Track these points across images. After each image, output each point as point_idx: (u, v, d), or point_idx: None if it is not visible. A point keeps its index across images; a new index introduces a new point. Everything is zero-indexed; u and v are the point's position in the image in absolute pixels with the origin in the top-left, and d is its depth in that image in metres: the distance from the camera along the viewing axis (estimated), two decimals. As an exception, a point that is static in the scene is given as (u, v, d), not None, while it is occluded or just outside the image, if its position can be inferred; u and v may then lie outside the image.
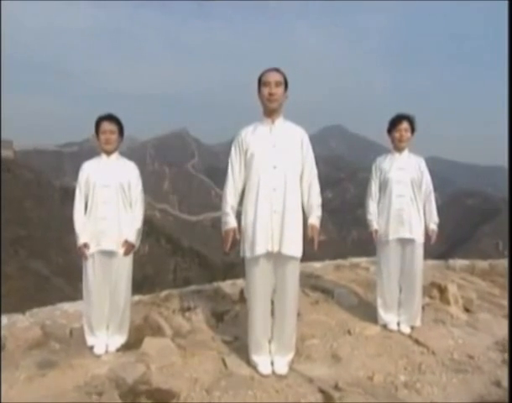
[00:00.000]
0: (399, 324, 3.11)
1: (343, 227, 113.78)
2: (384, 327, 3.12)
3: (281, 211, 2.33)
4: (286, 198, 2.33)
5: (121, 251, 2.70)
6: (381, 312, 3.15)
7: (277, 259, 2.36)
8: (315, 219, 2.40)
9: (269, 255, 2.35)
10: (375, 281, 3.25)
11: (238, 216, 2.43)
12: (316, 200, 2.43)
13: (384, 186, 3.10)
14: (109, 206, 2.67)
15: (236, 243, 2.40)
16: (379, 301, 3.16)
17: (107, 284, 2.71)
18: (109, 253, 2.70)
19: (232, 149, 2.46)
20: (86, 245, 2.67)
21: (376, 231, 3.12)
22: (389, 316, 3.13)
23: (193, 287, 4.13)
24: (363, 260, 5.17)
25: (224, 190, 2.45)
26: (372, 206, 3.16)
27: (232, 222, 2.37)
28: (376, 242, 3.15)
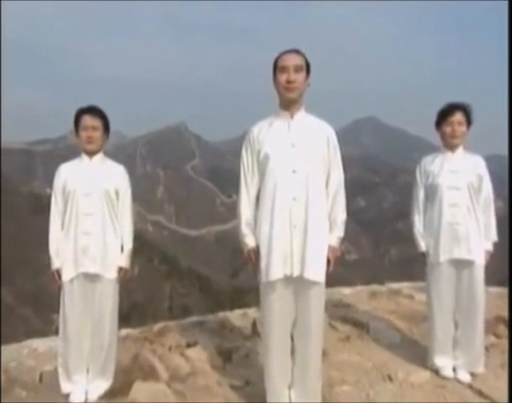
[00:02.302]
0: (455, 369, 3.03)
1: (380, 243, 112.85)
2: (436, 372, 3.04)
3: (303, 225, 2.33)
4: (309, 209, 2.33)
5: (108, 275, 2.72)
6: (432, 353, 3.07)
7: (298, 284, 2.36)
8: (335, 240, 2.42)
9: (289, 280, 2.35)
10: (422, 313, 3.18)
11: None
12: (340, 215, 2.43)
13: (432, 194, 3.04)
14: (92, 218, 2.69)
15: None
16: (430, 339, 3.09)
17: (89, 315, 2.72)
18: (92, 277, 2.71)
19: (243, 149, 2.48)
20: (58, 271, 2.70)
21: (425, 254, 3.07)
22: (442, 359, 3.04)
23: (194, 318, 4.14)
24: (405, 285, 5.11)
25: (238, 202, 2.49)
26: (419, 221, 3.11)
27: (251, 241, 2.43)
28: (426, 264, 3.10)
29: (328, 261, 2.38)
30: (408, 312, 4.14)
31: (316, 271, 2.32)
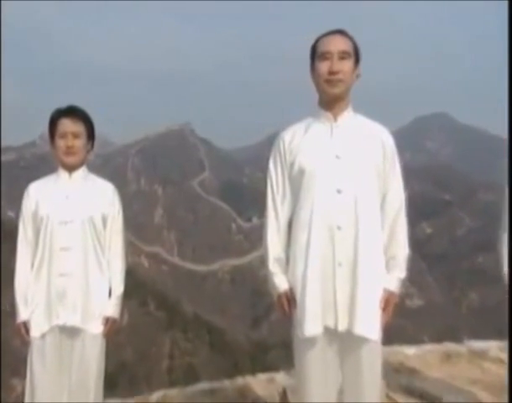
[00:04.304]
0: None
1: (454, 283, 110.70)
2: None
3: (350, 263, 2.33)
4: (358, 242, 2.34)
5: (92, 329, 2.75)
6: None
7: (345, 341, 2.37)
8: (394, 282, 2.43)
9: (332, 335, 2.36)
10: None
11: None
12: (400, 249, 2.46)
13: None
14: (71, 254, 2.74)
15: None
16: None
17: (66, 381, 2.74)
18: (70, 331, 2.74)
19: (271, 162, 2.52)
20: (25, 324, 2.74)
21: None
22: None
23: (202, 384, 4.15)
24: (492, 345, 5.02)
25: (264, 231, 2.52)
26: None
27: (282, 283, 2.47)
28: None
29: (384, 310, 2.38)
30: (497, 382, 4.06)
31: (370, 325, 2.32)
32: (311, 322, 2.32)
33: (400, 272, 2.44)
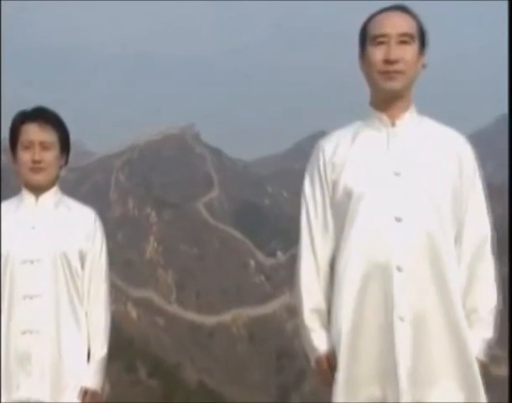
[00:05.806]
0: None
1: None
2: None
3: (417, 317, 2.33)
4: (427, 288, 2.33)
5: None
6: None
7: None
8: (477, 345, 2.40)
9: None
10: None
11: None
12: (485, 299, 2.46)
13: None
14: (39, 304, 2.76)
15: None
16: None
17: None
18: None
19: (307, 180, 2.55)
20: None
21: None
22: None
23: None
24: None
25: (297, 273, 2.54)
26: None
27: (322, 341, 2.47)
28: None
29: None
30: None
31: (447, 398, 2.30)
32: (358, 391, 2.34)
33: (486, 330, 2.42)
